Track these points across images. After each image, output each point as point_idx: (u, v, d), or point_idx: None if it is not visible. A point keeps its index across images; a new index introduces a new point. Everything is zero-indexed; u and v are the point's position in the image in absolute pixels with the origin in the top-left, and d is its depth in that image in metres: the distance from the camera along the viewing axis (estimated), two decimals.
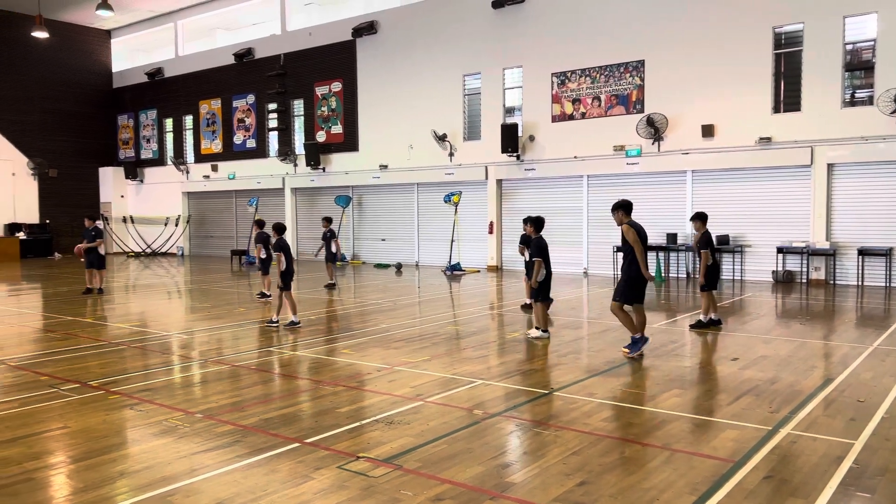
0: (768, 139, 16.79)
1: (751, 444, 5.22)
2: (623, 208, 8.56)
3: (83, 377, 7.66)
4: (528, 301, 13.46)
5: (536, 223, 10.00)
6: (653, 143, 18.34)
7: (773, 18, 16.71)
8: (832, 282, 16.29)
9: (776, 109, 16.96)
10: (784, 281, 16.63)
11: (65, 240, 30.99)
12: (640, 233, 8.38)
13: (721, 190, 17.78)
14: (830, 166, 16.26)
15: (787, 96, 16.94)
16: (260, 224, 15.24)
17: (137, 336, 10.43)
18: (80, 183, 31.95)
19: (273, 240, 11.28)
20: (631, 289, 8.46)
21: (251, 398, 6.87)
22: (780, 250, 16.66)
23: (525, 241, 14.36)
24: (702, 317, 10.58)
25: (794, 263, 16.81)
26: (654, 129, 18.04)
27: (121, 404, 6.59)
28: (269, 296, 14.32)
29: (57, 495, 4.50)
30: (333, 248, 16.74)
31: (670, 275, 18.15)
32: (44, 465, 5.03)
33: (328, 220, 17.04)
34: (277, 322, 10.96)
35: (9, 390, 7.17)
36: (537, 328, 9.65)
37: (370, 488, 4.48)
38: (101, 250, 15.91)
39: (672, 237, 17.93)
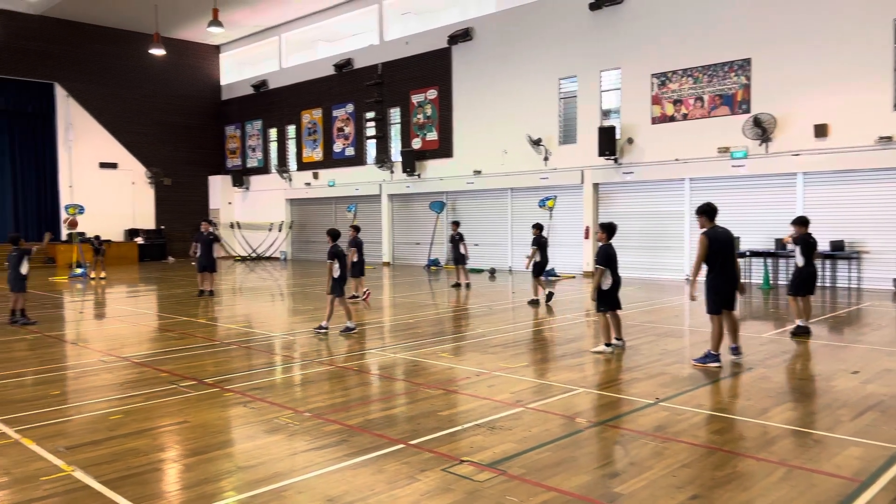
0: (889, 138, 15.72)
1: (878, 463, 4.90)
2: (706, 214, 8.20)
3: (199, 375, 8.09)
4: (534, 297, 14.34)
5: (609, 229, 9.38)
6: (760, 145, 17.55)
7: (894, 9, 15.65)
8: None
9: None
10: None
11: (177, 244, 32.92)
12: (719, 240, 8.02)
13: (835, 193, 16.79)
14: None
15: None
16: (356, 229, 15.63)
17: (245, 336, 10.92)
18: (192, 191, 33.84)
19: (328, 246, 11.03)
20: (714, 297, 8.17)
21: (354, 399, 7.05)
22: None
23: (537, 243, 14.56)
24: (799, 322, 10.03)
25: None
26: (762, 130, 17.25)
27: (234, 401, 6.91)
28: (358, 297, 14.94)
29: (179, 485, 4.77)
30: (462, 250, 17.69)
31: (779, 282, 17.28)
32: (167, 457, 5.35)
33: (456, 224, 18.20)
34: (327, 328, 10.87)
35: (134, 386, 7.66)
36: (608, 344, 9.11)
37: (475, 492, 4.50)
38: (214, 254, 16.85)
39: (780, 243, 17.06)
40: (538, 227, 14.65)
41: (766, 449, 5.31)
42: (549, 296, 14.51)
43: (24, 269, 12.16)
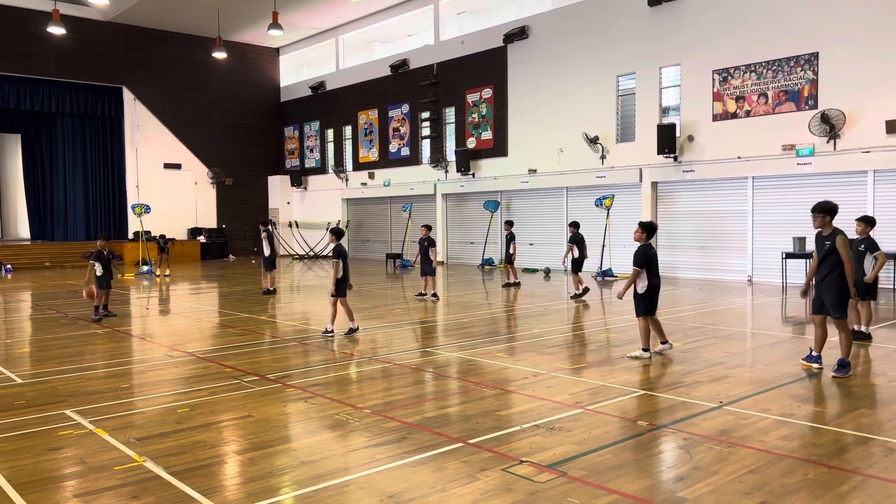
0: None
1: None
2: (830, 212, 7.83)
3: (261, 370, 8.27)
4: (576, 291, 15.11)
5: (649, 229, 9.03)
6: (828, 142, 16.93)
7: None
8: None
9: None
10: None
11: (238, 243, 33.76)
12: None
13: None
14: None
15: None
16: (428, 228, 15.52)
17: (304, 333, 11.11)
18: (252, 190, 34.63)
19: (332, 245, 10.88)
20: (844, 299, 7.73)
21: (413, 396, 7.10)
22: None
23: (574, 240, 15.42)
24: (857, 326, 9.57)
25: None
26: (830, 126, 16.64)
27: (296, 397, 7.04)
28: (426, 295, 15.09)
29: (245, 478, 4.88)
30: (511, 250, 17.87)
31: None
32: (232, 450, 5.49)
33: (509, 224, 18.20)
34: (332, 332, 10.65)
35: (200, 380, 7.88)
36: (645, 349, 8.74)
37: (536, 493, 4.48)
38: (266, 252, 17.04)
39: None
40: (575, 225, 15.89)
41: (839, 457, 5.13)
42: (585, 290, 15.26)
43: (98, 270, 12.97)
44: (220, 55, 29.05)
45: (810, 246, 16.70)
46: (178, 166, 32.09)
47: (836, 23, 16.76)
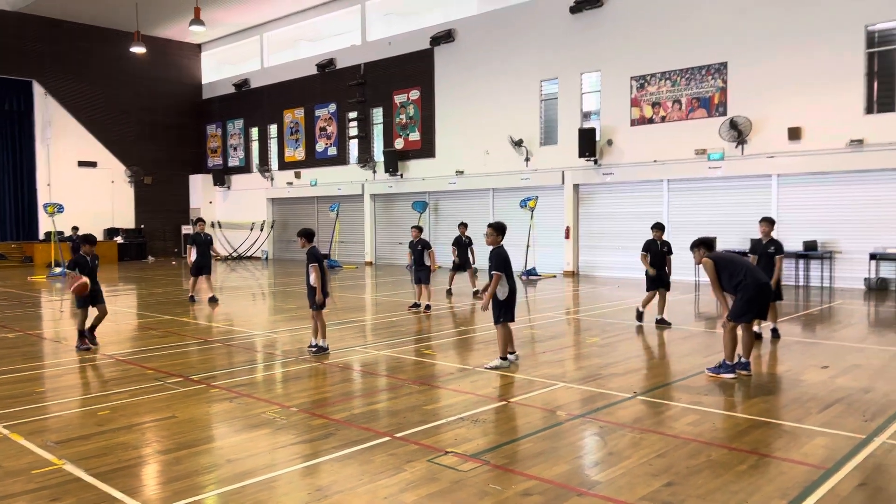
0: (860, 141, 16.13)
1: (843, 452, 5.13)
2: (704, 245, 7.98)
3: (185, 372, 8.16)
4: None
5: (502, 230, 8.21)
6: (736, 147, 17.90)
7: (866, 16, 16.06)
8: None
9: (869, 110, 16.27)
10: (877, 288, 15.92)
11: (158, 244, 32.75)
12: (721, 263, 7.80)
13: (808, 194, 17.19)
14: None
15: (881, 96, 16.23)
16: (419, 229, 14.27)
17: (228, 335, 10.98)
18: (172, 190, 33.65)
19: (305, 248, 9.14)
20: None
21: (340, 394, 7.19)
22: (872, 256, 15.96)
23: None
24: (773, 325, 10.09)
25: (888, 270, 16.07)
26: (738, 132, 17.61)
27: (221, 397, 7.01)
28: (419, 306, 13.45)
29: (170, 477, 4.87)
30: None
31: None
32: (157, 451, 5.44)
33: (464, 226, 16.37)
34: (318, 346, 9.28)
35: (120, 383, 7.72)
36: (503, 358, 8.21)
37: (460, 481, 4.66)
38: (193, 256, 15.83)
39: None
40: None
41: (739, 439, 5.53)
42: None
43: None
44: (138, 50, 28.17)
45: (720, 246, 17.63)
46: (93, 164, 30.89)
47: (743, 35, 17.76)
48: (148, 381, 7.69)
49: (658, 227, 11.60)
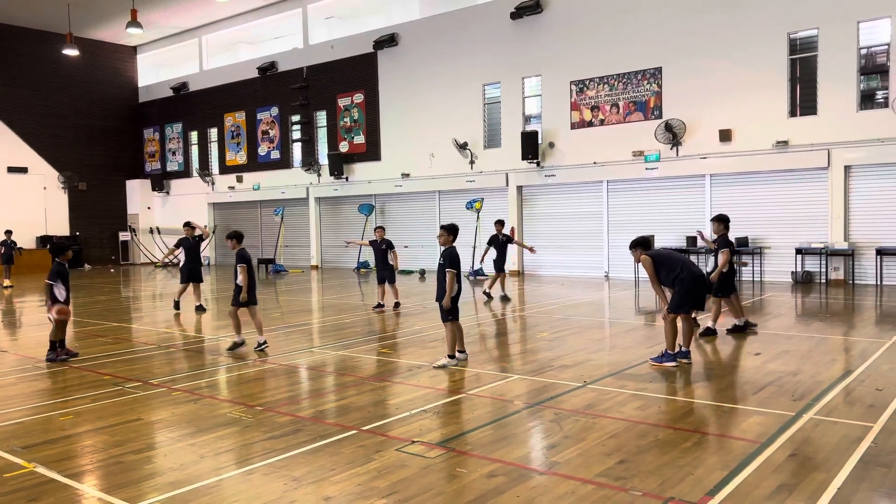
0: (785, 143, 17.12)
1: (776, 428, 5.62)
2: (641, 245, 8.50)
3: (143, 376, 8.18)
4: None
5: (451, 230, 8.44)
6: (671, 149, 18.72)
7: (789, 25, 17.08)
8: (851, 281, 16.57)
9: (792, 113, 17.31)
10: (803, 281, 16.92)
11: (94, 251, 31.86)
12: (658, 260, 8.32)
13: (739, 193, 18.13)
14: (847, 168, 16.57)
15: (804, 100, 17.28)
16: (382, 229, 14.18)
17: (181, 340, 10.96)
18: (109, 195, 32.81)
19: (235, 250, 9.85)
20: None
21: (304, 392, 7.37)
22: (798, 251, 16.97)
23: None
24: (710, 324, 10.23)
25: (812, 264, 17.11)
26: (673, 135, 18.42)
27: (184, 399, 7.09)
28: (383, 306, 13.76)
29: (147, 473, 4.98)
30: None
31: None
32: (129, 450, 5.52)
33: (500, 223, 16.11)
34: (264, 341, 9.69)
35: (79, 388, 7.69)
36: (451, 356, 8.34)
37: (428, 467, 4.94)
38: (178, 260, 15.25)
39: (692, 240, 18.26)
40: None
41: (683, 420, 5.98)
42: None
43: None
44: (71, 52, 27.44)
45: (658, 244, 18.41)
46: (23, 170, 29.84)
47: (677, 41, 18.60)
48: (107, 387, 7.69)
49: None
